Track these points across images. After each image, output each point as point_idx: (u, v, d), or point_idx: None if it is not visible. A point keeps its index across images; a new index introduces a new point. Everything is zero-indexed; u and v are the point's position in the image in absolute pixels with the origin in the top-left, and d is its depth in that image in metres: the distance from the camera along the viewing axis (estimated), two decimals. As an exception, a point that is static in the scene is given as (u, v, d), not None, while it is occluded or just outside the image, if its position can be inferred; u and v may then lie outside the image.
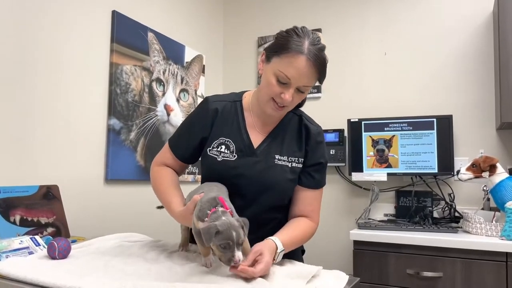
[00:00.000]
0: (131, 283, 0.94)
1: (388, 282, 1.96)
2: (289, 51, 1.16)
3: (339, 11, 2.77)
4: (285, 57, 1.16)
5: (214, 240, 0.95)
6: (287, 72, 1.16)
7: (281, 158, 1.29)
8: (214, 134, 1.30)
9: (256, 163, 1.28)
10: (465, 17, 2.45)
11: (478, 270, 1.80)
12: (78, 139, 1.92)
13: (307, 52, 1.15)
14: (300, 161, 1.32)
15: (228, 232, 0.95)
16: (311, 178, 1.33)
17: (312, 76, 1.20)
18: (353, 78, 2.71)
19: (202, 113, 1.32)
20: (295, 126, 1.35)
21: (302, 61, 1.15)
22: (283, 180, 1.28)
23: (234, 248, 0.96)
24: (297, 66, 1.15)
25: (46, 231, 1.54)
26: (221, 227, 0.95)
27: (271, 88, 1.19)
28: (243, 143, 1.29)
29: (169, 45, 2.48)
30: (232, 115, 1.32)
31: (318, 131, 1.35)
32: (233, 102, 1.34)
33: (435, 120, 2.33)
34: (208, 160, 1.29)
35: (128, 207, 2.17)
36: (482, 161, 1.93)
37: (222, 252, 0.96)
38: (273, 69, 1.19)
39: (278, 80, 1.18)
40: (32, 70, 1.72)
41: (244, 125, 1.31)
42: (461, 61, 2.44)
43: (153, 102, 2.35)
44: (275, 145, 1.31)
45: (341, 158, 2.57)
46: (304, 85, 1.19)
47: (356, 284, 1.07)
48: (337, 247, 2.63)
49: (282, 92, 1.19)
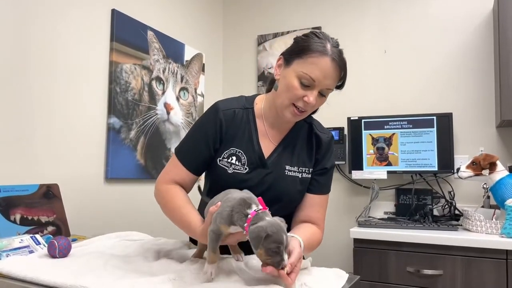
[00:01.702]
0: (131, 281, 0.94)
1: (388, 280, 1.96)
2: (313, 52, 1.14)
3: (339, 9, 2.77)
4: (309, 58, 1.14)
5: (264, 244, 0.89)
6: (311, 73, 1.13)
7: (291, 169, 1.26)
8: (225, 143, 1.24)
9: (267, 175, 1.24)
10: (465, 15, 2.45)
11: (478, 267, 1.81)
12: (78, 138, 1.92)
13: (331, 53, 1.14)
14: (309, 171, 1.29)
15: (279, 235, 0.90)
16: (315, 182, 1.30)
17: (336, 78, 1.17)
18: (353, 76, 2.71)
19: (214, 122, 1.24)
20: (305, 135, 1.31)
21: (327, 62, 1.13)
22: (293, 191, 1.26)
23: (283, 251, 0.91)
24: (322, 67, 1.13)
25: (47, 229, 1.55)
26: (271, 230, 0.89)
27: (294, 92, 1.15)
28: (254, 154, 1.24)
29: (168, 44, 2.48)
30: (244, 123, 1.26)
31: (329, 140, 1.33)
32: (245, 109, 1.28)
33: (435, 118, 2.33)
34: (217, 170, 1.23)
35: (128, 205, 2.17)
36: (482, 159, 1.93)
37: (271, 256, 0.90)
38: (296, 72, 1.15)
39: (301, 83, 1.15)
40: (32, 69, 1.72)
41: (256, 135, 1.26)
42: (461, 59, 2.44)
43: (153, 100, 2.35)
44: (285, 155, 1.27)
45: (341, 156, 2.57)
46: (327, 88, 1.17)
47: (356, 282, 1.07)
48: (337, 245, 2.63)
49: (305, 95, 1.15)
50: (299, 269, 0.98)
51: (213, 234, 0.99)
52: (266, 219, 0.92)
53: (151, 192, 1.34)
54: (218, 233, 0.98)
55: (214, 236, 0.99)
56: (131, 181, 2.20)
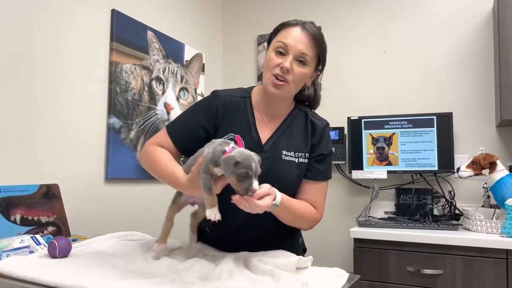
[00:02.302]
0: (131, 281, 0.94)
1: (388, 279, 1.96)
2: (286, 26, 1.27)
3: (339, 9, 2.77)
4: (283, 31, 1.27)
5: (234, 170, 0.97)
6: (283, 39, 1.24)
7: (288, 154, 1.30)
8: (224, 129, 1.29)
9: (264, 159, 1.26)
10: (465, 14, 2.45)
11: (478, 267, 1.81)
12: (78, 138, 1.92)
13: (302, 23, 1.26)
14: (306, 156, 1.33)
15: (248, 162, 0.98)
16: (313, 168, 1.33)
17: (308, 44, 1.25)
18: (353, 76, 2.71)
19: (212, 108, 1.31)
20: (301, 122, 1.36)
21: (298, 29, 1.25)
22: (290, 176, 1.29)
23: (252, 177, 0.98)
24: (293, 33, 1.24)
25: (47, 230, 1.55)
26: (240, 157, 0.98)
27: (270, 62, 1.25)
28: (252, 139, 1.29)
29: (168, 44, 2.48)
30: (241, 110, 1.32)
31: (324, 125, 1.37)
32: (243, 98, 1.35)
33: (435, 117, 2.33)
34: None
35: (128, 205, 2.17)
36: (482, 159, 1.93)
37: (241, 182, 0.98)
38: (272, 46, 1.27)
39: (276, 53, 1.25)
40: (32, 69, 1.72)
41: (253, 120, 1.32)
42: (461, 58, 2.44)
43: (153, 100, 2.35)
44: (282, 141, 1.31)
45: (341, 156, 2.57)
46: (302, 52, 1.24)
47: (356, 282, 1.07)
48: (337, 245, 2.63)
49: (280, 62, 1.23)
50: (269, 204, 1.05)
51: (204, 175, 1.04)
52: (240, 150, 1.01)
53: (152, 192, 1.34)
54: (208, 174, 1.04)
55: (206, 177, 1.04)
56: (131, 181, 2.20)
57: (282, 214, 1.21)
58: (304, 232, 2.84)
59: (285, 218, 1.24)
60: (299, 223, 1.31)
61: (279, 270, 1.00)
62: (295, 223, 1.30)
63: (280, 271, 0.99)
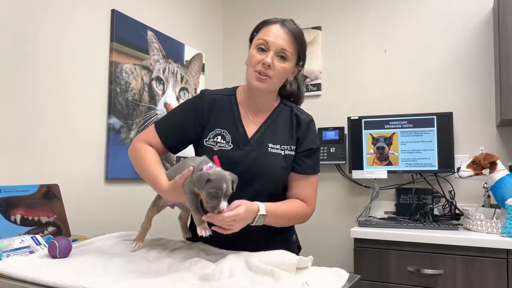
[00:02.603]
0: (131, 281, 0.94)
1: (388, 279, 1.96)
2: (266, 24, 1.33)
3: (339, 9, 2.77)
4: (262, 29, 1.33)
5: (205, 187, 1.02)
6: (264, 36, 1.30)
7: (274, 146, 1.34)
8: (211, 126, 1.35)
9: (250, 152, 1.33)
10: (465, 14, 2.45)
11: (478, 267, 1.81)
12: (78, 138, 1.92)
13: (281, 21, 1.32)
14: (292, 149, 1.37)
15: (219, 182, 1.02)
16: (302, 163, 1.37)
17: (288, 40, 1.30)
18: (353, 75, 2.71)
19: (196, 105, 1.37)
20: (286, 116, 1.40)
21: (277, 26, 1.31)
22: (277, 167, 1.33)
23: (221, 198, 1.02)
24: (272, 30, 1.30)
25: (47, 230, 1.55)
26: (212, 176, 1.02)
27: (253, 59, 1.30)
28: (238, 133, 1.34)
29: (168, 44, 2.48)
30: (227, 107, 1.38)
31: (309, 119, 1.41)
32: (228, 96, 1.41)
33: (435, 117, 2.33)
34: (204, 150, 1.33)
35: (128, 205, 2.17)
36: (483, 158, 1.93)
37: (210, 200, 1.02)
38: (254, 43, 1.32)
39: (258, 50, 1.30)
40: (31, 69, 1.72)
41: (239, 116, 1.37)
42: (461, 58, 2.44)
43: (153, 100, 2.35)
44: (267, 135, 1.36)
45: (341, 156, 2.57)
46: (283, 48, 1.29)
47: (356, 282, 1.07)
48: (337, 245, 2.63)
49: (262, 58, 1.28)
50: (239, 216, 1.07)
51: (189, 195, 1.09)
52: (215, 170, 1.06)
53: (152, 192, 1.35)
54: (193, 193, 1.08)
55: (191, 197, 1.09)
56: (132, 181, 2.20)
57: (271, 221, 1.24)
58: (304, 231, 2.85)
59: (277, 223, 1.28)
60: (292, 223, 1.37)
61: (279, 270, 1.00)
62: (288, 224, 1.35)
63: (280, 271, 0.99)
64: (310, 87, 2.76)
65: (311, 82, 2.76)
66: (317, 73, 2.75)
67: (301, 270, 1.08)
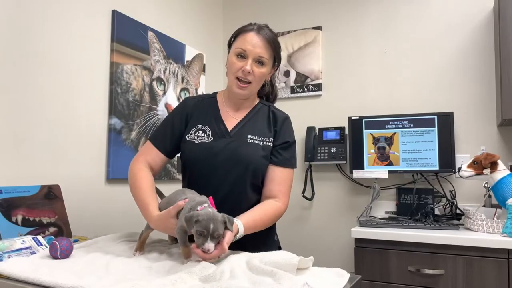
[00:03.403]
0: (132, 282, 0.95)
1: (389, 279, 1.96)
2: (242, 32, 1.42)
3: (339, 9, 2.77)
4: (239, 37, 1.42)
5: (194, 227, 1.06)
6: (242, 45, 1.39)
7: (253, 137, 1.43)
8: (192, 123, 1.46)
9: (230, 142, 1.42)
10: (466, 14, 2.44)
11: (479, 267, 1.81)
12: (79, 139, 1.92)
13: (256, 28, 1.41)
14: (270, 140, 1.46)
15: (206, 222, 1.06)
16: (279, 155, 1.45)
17: (264, 47, 1.39)
18: (353, 75, 2.71)
19: (181, 109, 1.49)
20: (265, 113, 1.51)
21: (253, 34, 1.40)
22: (256, 156, 1.41)
23: (208, 237, 1.06)
24: (249, 39, 1.39)
25: (48, 230, 1.55)
26: (201, 217, 1.06)
27: (233, 66, 1.40)
28: (218, 127, 1.44)
29: (169, 44, 2.48)
30: (208, 106, 1.50)
31: (285, 116, 1.52)
32: (209, 98, 1.53)
33: (436, 117, 2.32)
34: (186, 144, 1.43)
35: (129, 206, 2.17)
36: (483, 158, 1.93)
37: (197, 238, 1.07)
38: (233, 51, 1.42)
39: (237, 57, 1.40)
40: (32, 70, 1.73)
41: (219, 113, 1.48)
42: (462, 58, 2.44)
43: (154, 101, 2.35)
44: (247, 127, 1.46)
45: (342, 156, 2.57)
46: (260, 55, 1.39)
47: (357, 282, 1.07)
48: (338, 245, 2.63)
49: (242, 66, 1.38)
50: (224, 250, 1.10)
51: (180, 230, 1.12)
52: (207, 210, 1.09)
53: (152, 192, 1.36)
54: (183, 229, 1.12)
55: (181, 232, 1.12)
56: (132, 181, 2.20)
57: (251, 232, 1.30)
58: (305, 232, 2.83)
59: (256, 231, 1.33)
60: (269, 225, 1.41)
61: (280, 271, 1.00)
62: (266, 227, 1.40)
63: (281, 272, 0.99)
64: (310, 87, 2.76)
65: (312, 82, 2.76)
66: (318, 73, 2.75)
67: (302, 271, 1.08)
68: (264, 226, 1.37)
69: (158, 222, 1.21)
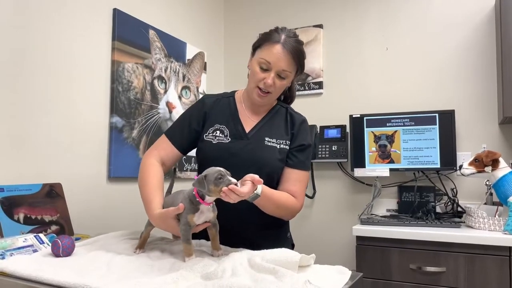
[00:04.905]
0: (134, 280, 0.95)
1: (391, 277, 1.96)
2: (268, 42, 1.38)
3: (340, 7, 2.76)
4: (265, 47, 1.38)
5: (207, 182, 1.07)
6: (266, 57, 1.36)
7: (270, 140, 1.44)
8: (210, 122, 1.46)
9: (248, 144, 1.42)
10: (467, 12, 2.44)
11: (481, 264, 1.81)
12: (80, 137, 1.93)
13: (283, 41, 1.37)
14: (287, 143, 1.46)
15: (214, 169, 1.08)
16: (294, 158, 1.45)
17: (288, 62, 1.37)
18: (354, 73, 2.71)
19: (199, 107, 1.49)
20: (282, 115, 1.51)
21: (278, 48, 1.36)
22: (273, 159, 1.42)
23: (226, 175, 1.08)
24: (274, 52, 1.36)
25: (50, 229, 1.55)
26: (206, 171, 1.09)
27: (256, 76, 1.38)
28: (236, 128, 1.44)
29: (170, 43, 2.48)
30: (226, 106, 1.49)
31: (302, 119, 1.52)
32: (227, 97, 1.53)
33: (437, 115, 2.32)
34: (204, 144, 1.44)
35: (131, 204, 2.18)
36: (485, 156, 1.93)
37: (220, 184, 1.07)
38: (257, 59, 1.39)
39: (260, 67, 1.38)
40: (33, 69, 1.73)
41: (237, 114, 1.48)
42: (463, 55, 2.43)
43: (155, 99, 2.35)
44: (264, 130, 1.46)
45: (343, 154, 2.57)
46: (283, 69, 1.37)
47: (359, 280, 1.08)
48: (339, 243, 2.63)
49: (264, 78, 1.37)
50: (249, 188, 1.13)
51: (183, 226, 1.13)
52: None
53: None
54: (187, 225, 1.13)
55: (186, 228, 1.13)
56: (134, 180, 2.21)
57: (263, 203, 1.30)
58: (306, 229, 2.84)
59: (266, 207, 1.33)
60: (281, 212, 1.40)
61: (282, 269, 1.00)
62: (277, 212, 1.38)
63: (282, 270, 0.99)
64: (311, 85, 2.75)
65: (313, 81, 2.76)
66: (319, 71, 2.75)
67: (303, 268, 1.08)
68: (276, 207, 1.35)
69: (158, 220, 1.21)
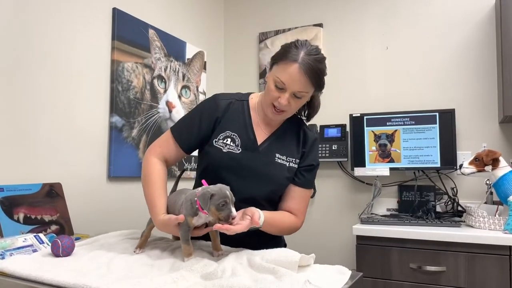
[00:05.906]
0: (134, 280, 0.95)
1: (391, 276, 1.96)
2: (286, 59, 1.28)
3: (340, 6, 2.76)
4: (282, 65, 1.28)
5: (211, 203, 1.06)
6: (282, 77, 1.27)
7: (280, 157, 1.40)
8: (221, 127, 1.38)
9: (258, 158, 1.38)
10: (467, 11, 2.44)
11: (481, 264, 1.80)
12: (80, 137, 1.93)
13: (301, 61, 1.26)
14: (296, 162, 1.42)
15: (222, 192, 1.07)
16: (302, 176, 1.43)
17: (305, 83, 1.28)
18: (355, 72, 2.70)
19: (211, 107, 1.40)
20: (295, 130, 1.45)
21: (295, 68, 1.26)
22: (281, 177, 1.39)
23: (230, 205, 1.07)
24: (290, 72, 1.26)
25: (50, 228, 1.55)
26: (213, 190, 1.07)
27: (271, 93, 1.31)
28: (248, 138, 1.38)
29: (170, 42, 2.48)
30: (239, 112, 1.41)
31: (315, 137, 1.48)
32: (241, 101, 1.44)
33: (437, 114, 2.32)
34: (213, 149, 1.37)
35: (131, 204, 2.18)
36: (485, 155, 1.93)
37: (221, 210, 1.07)
38: (273, 76, 1.31)
39: (276, 86, 1.29)
40: (33, 69, 1.73)
41: (250, 122, 1.41)
42: (464, 55, 2.43)
43: (155, 99, 2.35)
44: (276, 145, 1.41)
45: (343, 153, 2.56)
46: (299, 91, 1.29)
47: (359, 279, 1.08)
48: (340, 242, 2.63)
49: (279, 97, 1.29)
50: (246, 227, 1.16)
51: (183, 227, 1.13)
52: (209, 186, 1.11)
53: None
54: (187, 226, 1.13)
55: (185, 228, 1.13)
56: (134, 179, 2.21)
57: (265, 229, 1.31)
58: (307, 229, 2.83)
59: (268, 231, 1.33)
60: (282, 234, 1.44)
61: (281, 268, 1.00)
62: (279, 233, 1.41)
63: (282, 269, 0.99)
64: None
65: (313, 80, 2.75)
66: (319, 71, 2.74)
67: (303, 268, 1.08)
68: (279, 231, 1.38)
69: (160, 226, 1.22)
